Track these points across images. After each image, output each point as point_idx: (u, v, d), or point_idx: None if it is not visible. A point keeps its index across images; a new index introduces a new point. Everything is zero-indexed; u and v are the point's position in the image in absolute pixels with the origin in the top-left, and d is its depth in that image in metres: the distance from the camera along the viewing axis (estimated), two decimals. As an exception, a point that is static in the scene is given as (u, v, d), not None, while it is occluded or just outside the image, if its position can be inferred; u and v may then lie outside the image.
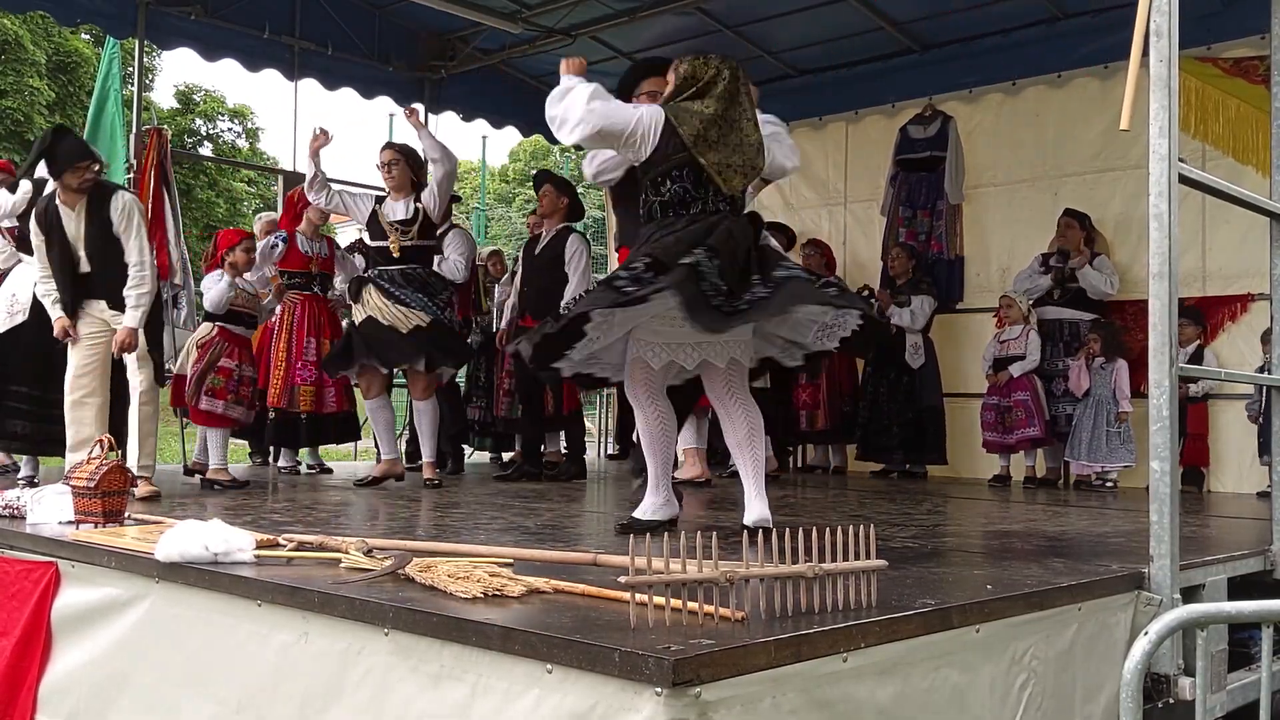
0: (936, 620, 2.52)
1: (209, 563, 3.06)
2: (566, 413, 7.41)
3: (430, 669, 2.41)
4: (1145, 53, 3.17)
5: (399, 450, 6.67)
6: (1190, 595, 3.39)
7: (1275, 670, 2.70)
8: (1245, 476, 6.95)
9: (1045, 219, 7.70)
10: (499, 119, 10.19)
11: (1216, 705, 3.30)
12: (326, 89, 9.23)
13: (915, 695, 2.44)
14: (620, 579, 2.32)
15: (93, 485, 3.88)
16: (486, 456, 9.41)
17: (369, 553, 3.11)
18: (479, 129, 12.38)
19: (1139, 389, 6.46)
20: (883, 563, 2.57)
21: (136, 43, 8.53)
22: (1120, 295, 7.40)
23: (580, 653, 2.13)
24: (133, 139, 8.45)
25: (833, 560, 2.48)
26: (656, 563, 2.30)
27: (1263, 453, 6.50)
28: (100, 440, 4.05)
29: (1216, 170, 6.30)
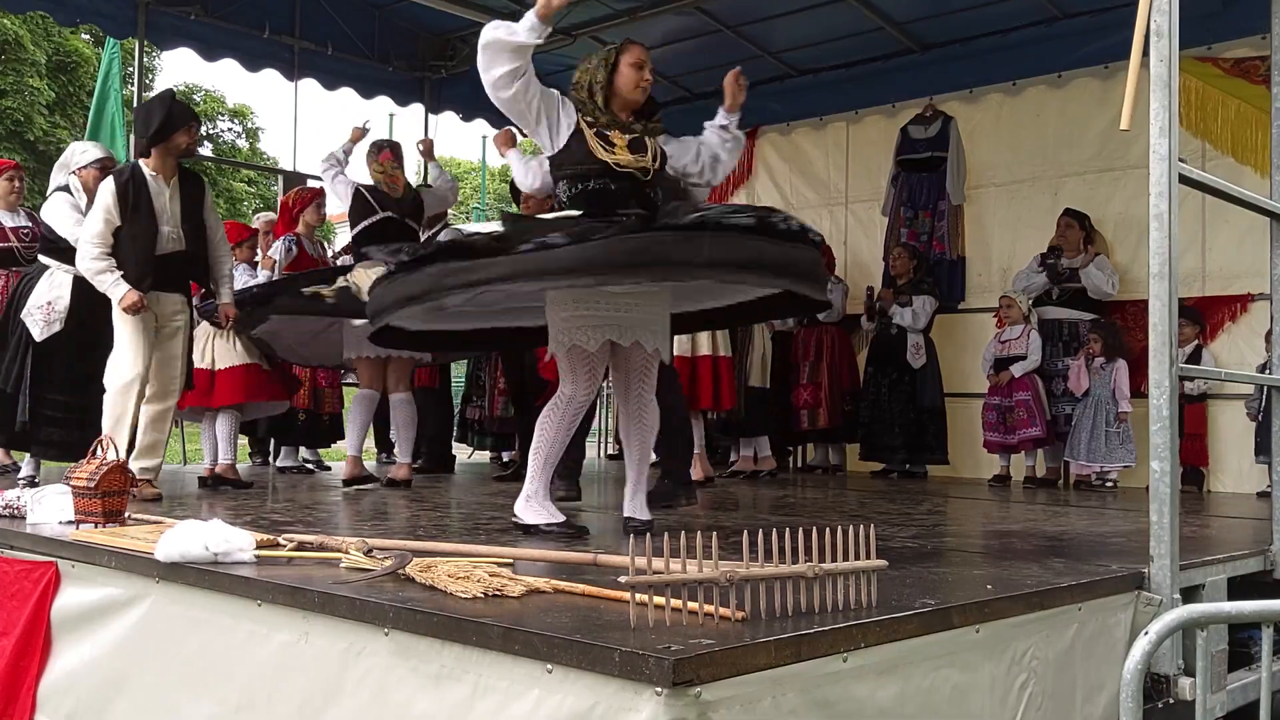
0: (937, 620, 2.52)
1: (209, 563, 3.06)
2: None
3: (430, 669, 2.41)
4: (1145, 53, 3.17)
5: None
6: (1190, 595, 3.39)
7: (1275, 670, 2.71)
8: (1245, 476, 6.95)
9: (1046, 219, 7.71)
10: (499, 119, 10.12)
11: (1216, 705, 3.30)
12: (326, 89, 9.23)
13: (915, 695, 2.44)
14: (620, 579, 2.32)
15: (93, 485, 3.88)
16: (486, 456, 9.41)
17: (369, 553, 3.11)
18: (479, 129, 12.38)
19: (1139, 389, 6.46)
20: (883, 563, 2.57)
21: (136, 43, 8.53)
22: (1120, 295, 7.41)
23: (580, 653, 2.13)
24: (132, 139, 8.44)
25: (833, 560, 2.48)
26: (657, 563, 2.30)
27: (1260, 452, 6.51)
28: (100, 440, 4.05)
29: (1216, 170, 6.32)
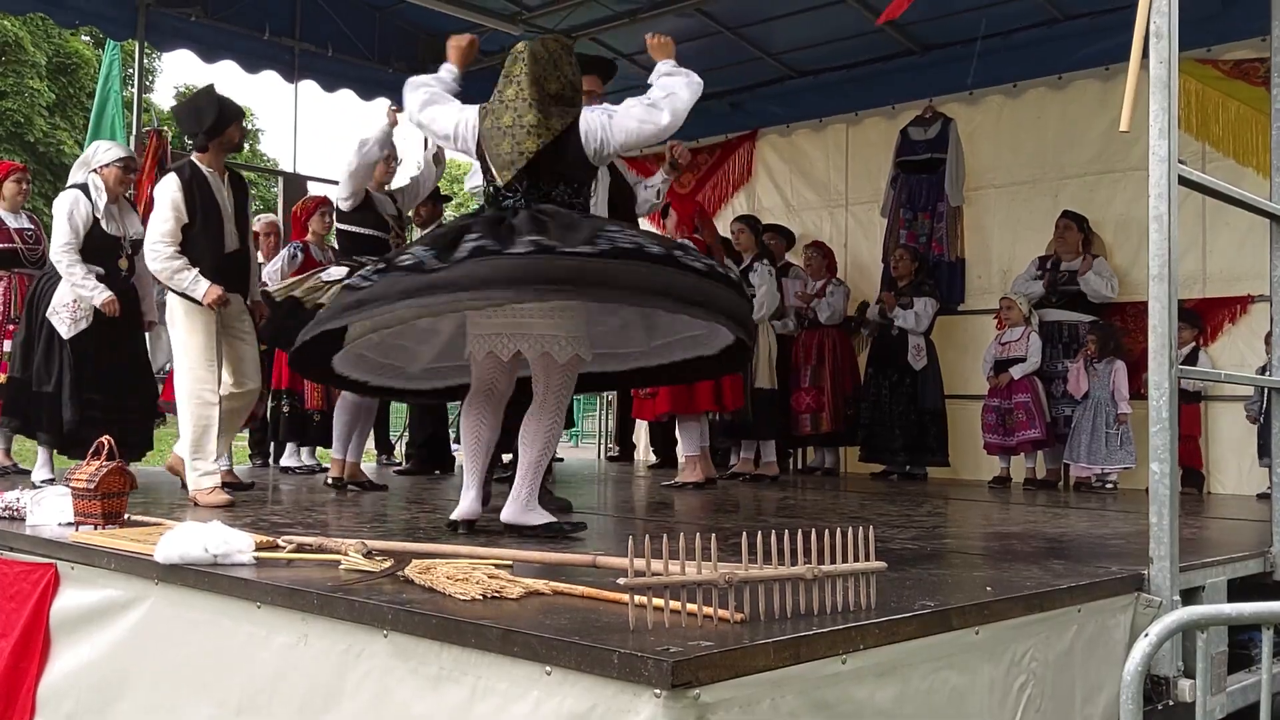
0: (936, 622, 2.52)
1: (208, 564, 3.06)
2: None
3: (429, 671, 2.41)
4: (1145, 55, 3.17)
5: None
6: (1190, 597, 3.39)
7: (1275, 672, 2.70)
8: (1245, 478, 6.95)
9: (1046, 221, 7.70)
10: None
11: (1216, 707, 3.30)
12: (326, 90, 9.23)
13: (914, 697, 2.44)
14: (619, 581, 2.32)
15: (92, 487, 3.87)
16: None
17: (368, 554, 3.10)
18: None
19: (1138, 390, 6.45)
20: (882, 564, 2.57)
21: (136, 45, 8.53)
22: (1120, 297, 7.40)
23: (579, 654, 2.13)
24: (133, 140, 8.46)
25: (832, 562, 2.48)
26: (656, 564, 2.30)
27: (1262, 454, 6.50)
28: (101, 441, 4.05)
29: (1217, 172, 6.32)
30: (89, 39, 23.93)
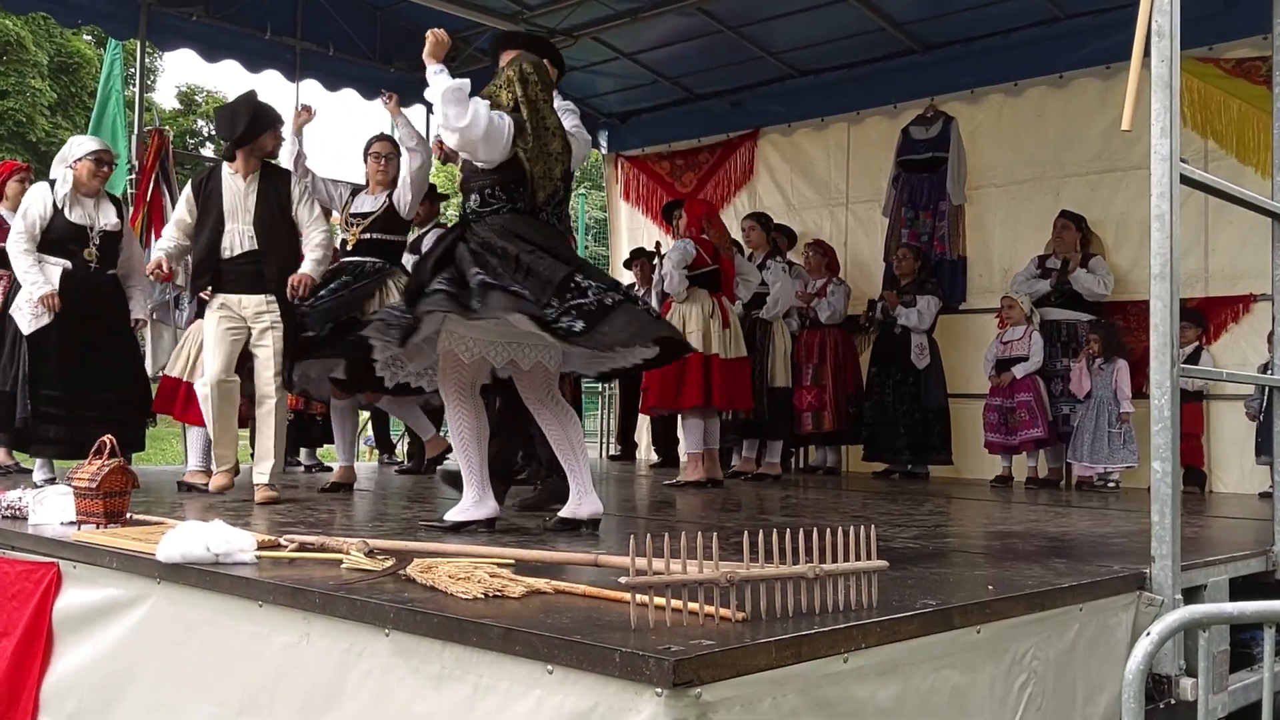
0: (937, 621, 2.52)
1: (210, 563, 3.06)
2: None
3: (431, 670, 2.41)
4: (1147, 53, 3.17)
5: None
6: (1192, 596, 3.39)
7: (1277, 671, 2.70)
8: (1247, 477, 6.95)
9: (1047, 220, 7.70)
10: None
11: (1218, 706, 3.30)
12: (328, 90, 9.25)
13: (916, 696, 2.44)
14: (621, 579, 2.31)
15: (94, 486, 3.88)
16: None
17: (370, 553, 3.11)
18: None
19: (1140, 389, 6.46)
20: (884, 563, 2.56)
21: (138, 44, 8.53)
22: (1122, 296, 7.41)
23: (581, 653, 2.12)
24: (134, 140, 8.46)
25: (833, 561, 2.48)
26: (657, 563, 2.30)
27: (1260, 453, 6.51)
28: (102, 441, 4.05)
29: (1219, 170, 6.31)
30: (91, 38, 23.95)
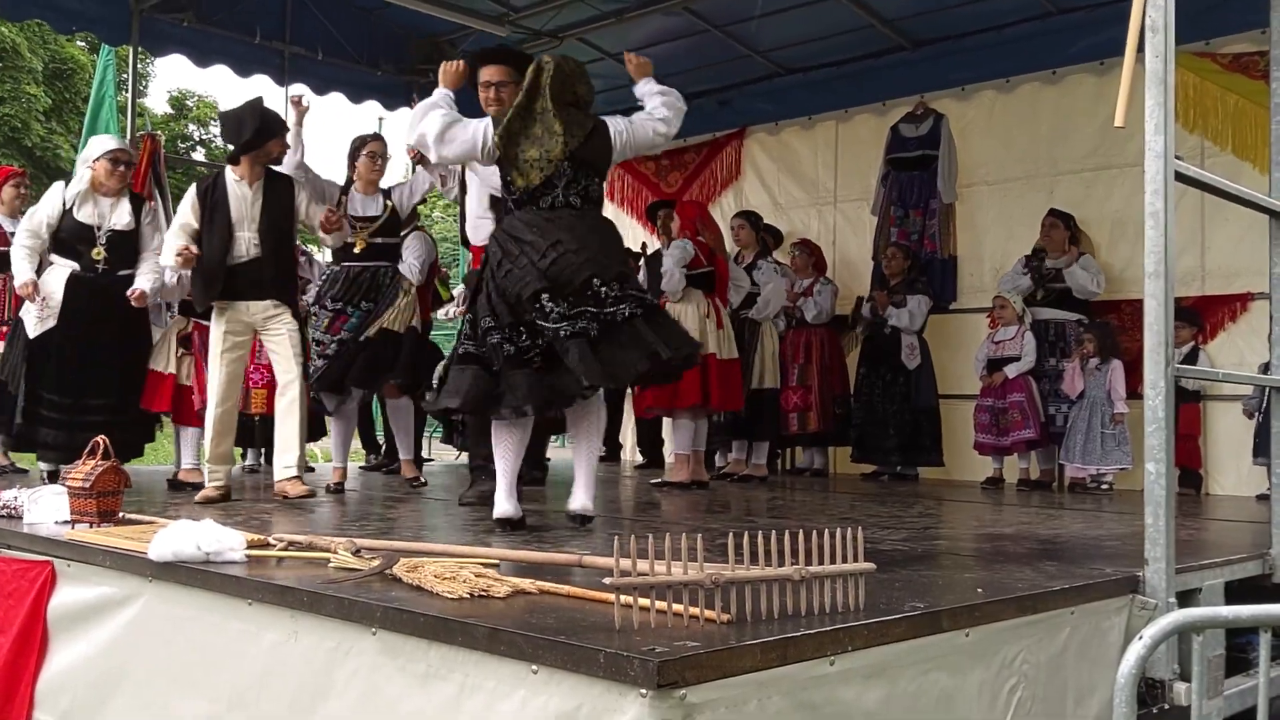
0: (925, 624, 2.50)
1: (201, 562, 3.09)
2: None
3: (417, 669, 2.41)
4: (1141, 48, 3.14)
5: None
6: (1186, 599, 3.36)
7: (1273, 676, 2.68)
8: (1244, 479, 6.87)
9: (1039, 218, 7.61)
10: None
11: (1213, 711, 3.27)
12: (316, 94, 9.21)
13: (903, 699, 2.42)
14: (606, 580, 2.30)
15: (88, 485, 3.93)
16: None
17: (357, 553, 3.11)
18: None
19: (1135, 390, 6.43)
20: (871, 565, 2.55)
21: (131, 50, 8.53)
22: (1117, 295, 7.37)
23: (565, 654, 2.12)
24: (127, 144, 8.43)
25: (820, 563, 2.47)
26: (642, 564, 2.28)
27: (1258, 453, 6.47)
28: (97, 441, 4.07)
29: (1215, 167, 6.26)
30: (85, 44, 23.96)
